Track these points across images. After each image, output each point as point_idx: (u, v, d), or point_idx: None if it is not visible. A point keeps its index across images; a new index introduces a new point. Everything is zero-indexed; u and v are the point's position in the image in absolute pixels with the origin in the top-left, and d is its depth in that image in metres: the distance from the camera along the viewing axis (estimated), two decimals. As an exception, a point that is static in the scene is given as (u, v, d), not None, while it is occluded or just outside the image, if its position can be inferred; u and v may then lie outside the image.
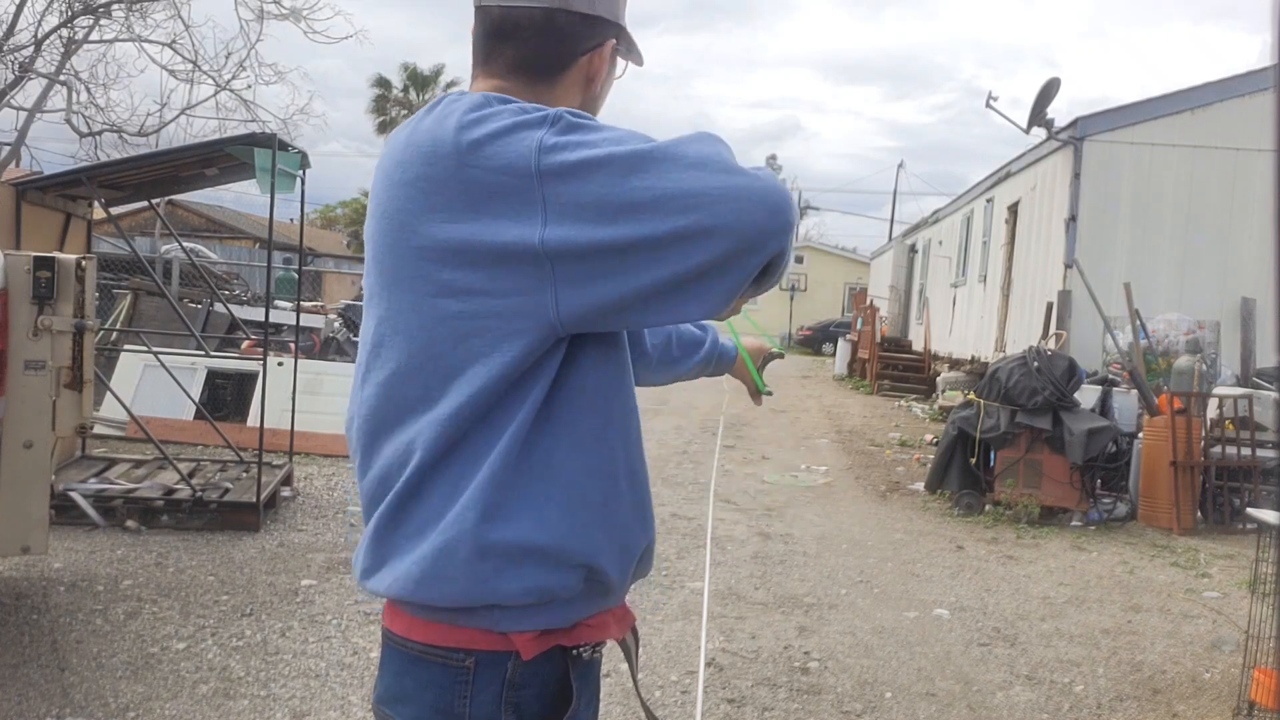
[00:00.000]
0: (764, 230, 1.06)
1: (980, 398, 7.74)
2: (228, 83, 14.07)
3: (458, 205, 1.10)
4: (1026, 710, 3.81)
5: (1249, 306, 10.13)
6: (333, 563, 5.16)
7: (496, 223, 1.09)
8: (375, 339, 1.20)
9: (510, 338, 1.11)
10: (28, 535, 3.91)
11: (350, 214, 48.75)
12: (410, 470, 1.16)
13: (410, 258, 1.14)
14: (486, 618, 1.16)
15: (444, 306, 1.12)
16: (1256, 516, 3.94)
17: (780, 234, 1.08)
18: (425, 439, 1.15)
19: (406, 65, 37.60)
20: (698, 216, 1.05)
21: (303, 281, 9.95)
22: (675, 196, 1.05)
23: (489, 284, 1.10)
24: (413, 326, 1.15)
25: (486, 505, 1.13)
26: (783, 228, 1.08)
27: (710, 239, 1.05)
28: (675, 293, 1.09)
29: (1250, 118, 10.15)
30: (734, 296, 1.12)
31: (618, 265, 1.07)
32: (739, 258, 1.07)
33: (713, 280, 1.08)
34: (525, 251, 1.08)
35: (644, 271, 1.07)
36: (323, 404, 8.18)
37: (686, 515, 6.77)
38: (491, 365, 1.12)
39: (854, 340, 21.87)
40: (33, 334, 3.87)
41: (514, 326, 1.11)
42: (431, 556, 1.14)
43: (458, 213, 1.10)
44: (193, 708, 3.38)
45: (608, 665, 3.33)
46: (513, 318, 1.11)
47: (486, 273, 1.10)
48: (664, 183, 1.05)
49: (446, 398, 1.14)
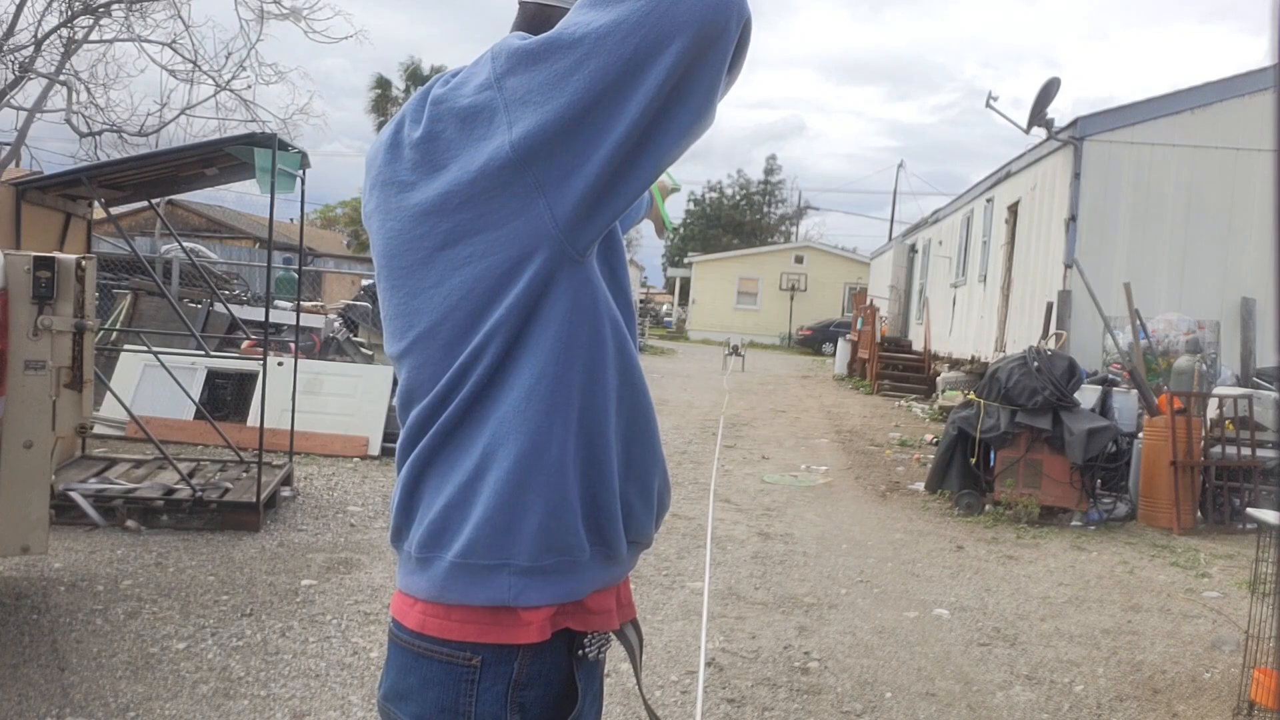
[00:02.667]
0: (718, 4, 1.01)
1: (980, 398, 7.75)
2: (228, 83, 14.09)
3: (433, 158, 1.13)
4: (1026, 710, 3.81)
5: (1249, 306, 10.13)
6: (333, 563, 5.16)
7: (468, 153, 1.09)
8: (403, 323, 1.20)
9: (518, 267, 1.10)
10: (28, 535, 3.91)
11: (350, 214, 48.78)
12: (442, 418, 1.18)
13: (411, 233, 1.16)
14: (504, 586, 1.15)
15: (452, 255, 1.13)
16: (1256, 516, 3.94)
17: (736, 1, 1.03)
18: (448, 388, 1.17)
19: (406, 65, 37.62)
20: (641, 35, 1.01)
21: (303, 281, 9.95)
22: (609, 32, 1.02)
23: (484, 217, 1.10)
24: (429, 288, 1.16)
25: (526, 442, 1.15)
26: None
27: (663, 49, 1.01)
28: (658, 124, 1.05)
29: (1250, 118, 10.16)
30: (716, 91, 1.07)
31: (589, 130, 1.04)
32: (704, 52, 1.02)
33: (688, 89, 1.04)
34: (503, 166, 1.07)
35: (615, 120, 1.04)
36: (323, 404, 8.19)
37: (686, 515, 6.77)
38: (504, 304, 1.12)
39: (854, 340, 21.88)
40: (33, 334, 3.87)
41: (519, 252, 1.10)
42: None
43: (433, 168, 1.13)
44: (193, 708, 3.38)
45: (609, 665, 3.32)
46: (514, 243, 1.10)
47: (478, 208, 1.10)
48: (593, 30, 1.03)
49: (469, 346, 1.14)
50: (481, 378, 1.14)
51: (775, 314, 38.02)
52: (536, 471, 1.14)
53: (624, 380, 1.22)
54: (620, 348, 1.21)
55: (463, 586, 1.16)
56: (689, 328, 39.30)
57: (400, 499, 1.22)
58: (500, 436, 1.14)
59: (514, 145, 1.06)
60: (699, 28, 1.01)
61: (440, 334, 1.15)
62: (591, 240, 1.13)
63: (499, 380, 1.14)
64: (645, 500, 1.28)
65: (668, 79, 1.02)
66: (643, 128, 1.05)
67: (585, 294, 1.15)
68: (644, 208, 1.88)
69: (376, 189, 1.21)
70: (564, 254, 1.11)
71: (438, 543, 1.17)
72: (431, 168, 1.13)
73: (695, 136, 1.10)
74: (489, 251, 1.11)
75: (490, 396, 1.15)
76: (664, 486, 1.32)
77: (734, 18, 1.04)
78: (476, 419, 1.15)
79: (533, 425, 1.13)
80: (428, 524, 1.17)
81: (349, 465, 7.80)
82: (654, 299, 48.74)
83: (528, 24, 1.30)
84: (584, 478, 1.18)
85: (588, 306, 1.15)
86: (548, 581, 1.16)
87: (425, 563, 1.19)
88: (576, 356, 1.15)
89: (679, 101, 1.05)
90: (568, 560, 1.18)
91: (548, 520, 1.15)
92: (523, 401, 1.13)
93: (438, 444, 1.17)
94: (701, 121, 1.09)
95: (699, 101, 1.06)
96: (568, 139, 1.05)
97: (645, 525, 1.29)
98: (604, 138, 1.05)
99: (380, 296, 1.25)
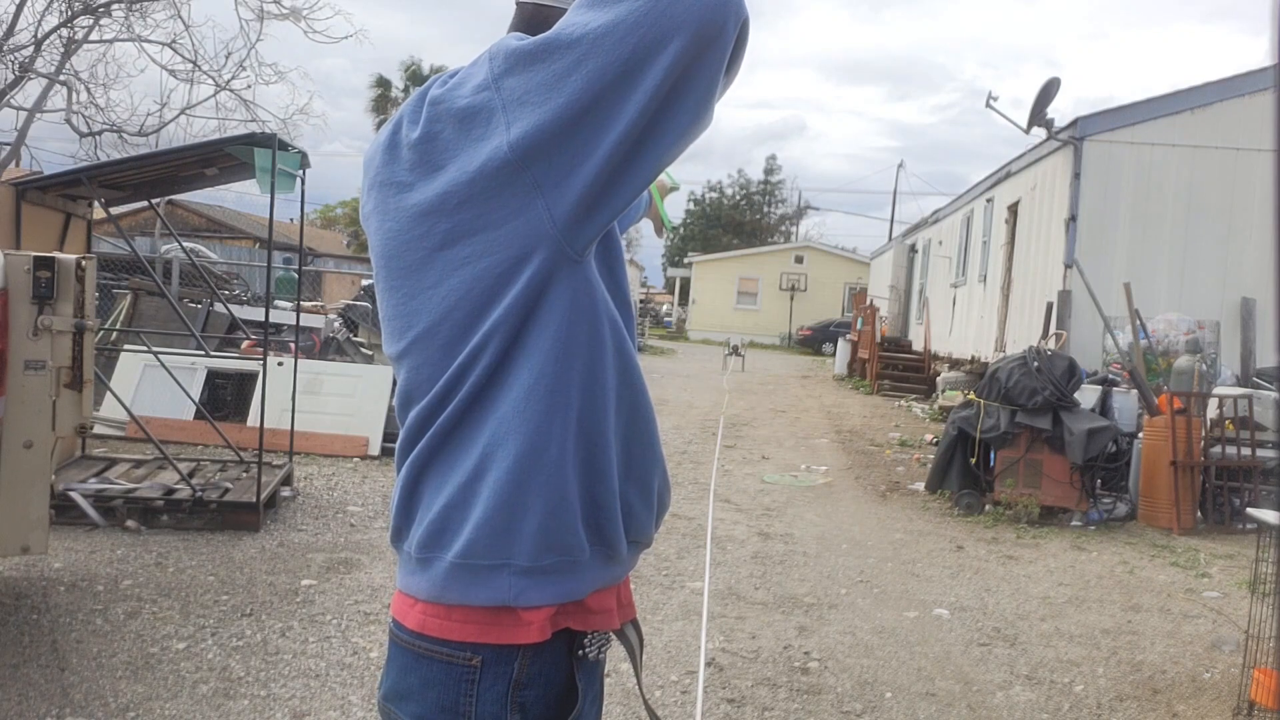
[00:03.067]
0: (715, 6, 1.01)
1: (980, 398, 7.75)
2: (228, 83, 14.08)
3: (431, 159, 1.12)
4: (1026, 710, 3.80)
5: (1249, 306, 10.13)
6: (333, 563, 5.16)
7: (466, 153, 1.09)
8: (401, 324, 1.20)
9: (517, 267, 1.10)
10: (28, 535, 3.91)
11: (350, 214, 48.75)
12: (440, 419, 1.18)
13: (410, 234, 1.16)
14: (504, 586, 1.15)
15: (451, 255, 1.12)
16: (1256, 516, 3.94)
17: (733, 2, 1.02)
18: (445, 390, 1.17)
19: (406, 65, 37.64)
20: (639, 35, 1.00)
21: (303, 281, 9.95)
22: (607, 33, 1.01)
23: (483, 218, 1.10)
24: (428, 288, 1.15)
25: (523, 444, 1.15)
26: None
27: (661, 50, 1.00)
28: (656, 124, 1.05)
29: (1250, 118, 10.16)
30: (714, 92, 1.07)
31: (587, 131, 1.04)
32: (702, 52, 1.02)
33: (686, 90, 1.04)
34: (501, 166, 1.07)
35: (613, 121, 1.03)
36: (323, 404, 8.19)
37: (686, 515, 6.77)
38: (503, 305, 1.11)
39: (854, 340, 21.89)
40: (33, 334, 3.87)
41: (518, 252, 1.10)
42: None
43: (432, 168, 1.12)
44: (193, 708, 3.38)
45: (609, 665, 3.32)
46: (513, 243, 1.10)
47: (476, 209, 1.10)
48: (591, 30, 1.02)
49: (468, 346, 1.14)
50: (480, 378, 1.14)
51: (775, 314, 38.01)
52: (536, 471, 1.13)
53: (623, 380, 1.21)
54: (619, 348, 1.21)
55: (463, 587, 1.16)
56: (689, 328, 39.30)
57: (400, 499, 1.21)
58: (499, 437, 1.14)
59: (512, 145, 1.06)
60: (697, 28, 1.01)
61: (439, 334, 1.15)
62: (590, 240, 1.13)
63: (498, 380, 1.14)
64: (645, 500, 1.28)
65: (665, 79, 1.02)
66: (641, 128, 1.04)
67: (584, 294, 1.15)
68: (642, 207, 1.89)
69: (375, 190, 1.21)
70: (562, 254, 1.11)
71: (437, 543, 1.17)
72: (429, 168, 1.13)
73: (694, 136, 1.09)
74: (487, 251, 1.11)
75: (489, 397, 1.15)
76: (664, 486, 1.32)
77: (732, 18, 1.03)
78: (475, 419, 1.15)
79: (532, 425, 1.13)
80: (427, 524, 1.17)
81: (349, 465, 7.80)
82: (654, 299, 48.73)
83: (525, 24, 1.30)
84: (583, 477, 1.18)
85: (586, 306, 1.15)
86: (548, 581, 1.16)
87: (425, 563, 1.19)
88: (576, 356, 1.15)
89: (677, 102, 1.05)
90: (568, 560, 1.18)
91: (547, 520, 1.15)
92: (522, 401, 1.13)
93: (437, 444, 1.17)
94: (700, 122, 1.08)
95: (697, 102, 1.06)
96: (566, 139, 1.05)
97: (645, 525, 1.29)
98: (602, 138, 1.04)
99: (379, 297, 1.25)
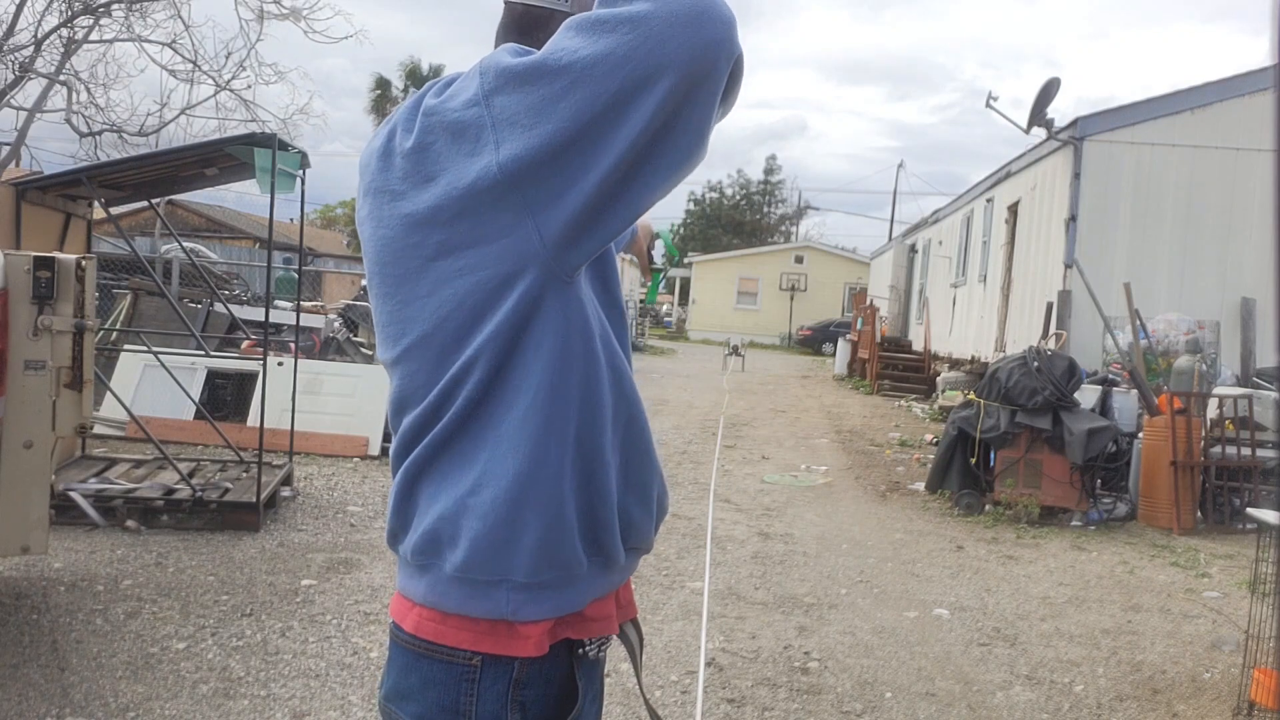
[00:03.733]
0: (706, 44, 1.00)
1: (980, 398, 7.75)
2: (228, 83, 14.09)
3: (424, 169, 1.12)
4: (1026, 710, 3.80)
5: (1249, 306, 10.13)
6: (333, 563, 5.16)
7: (457, 167, 1.09)
8: (395, 330, 1.20)
9: (509, 282, 1.10)
10: (27, 535, 3.91)
11: (350, 214, 48.73)
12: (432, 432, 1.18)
13: (403, 242, 1.15)
14: (502, 600, 1.15)
15: (444, 266, 1.12)
16: (1256, 516, 3.94)
17: (725, 40, 1.01)
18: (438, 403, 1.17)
19: (406, 65, 37.63)
20: (626, 71, 1.00)
21: (303, 281, 9.95)
22: (594, 64, 1.01)
23: (475, 232, 1.10)
24: (422, 297, 1.15)
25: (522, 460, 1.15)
26: (723, 33, 1.01)
27: (650, 87, 1.00)
28: (647, 157, 1.05)
29: (1250, 118, 10.16)
30: (707, 127, 1.07)
31: (577, 159, 1.04)
32: (693, 90, 1.01)
33: (678, 126, 1.03)
34: (491, 185, 1.07)
35: (602, 152, 1.03)
36: (323, 404, 8.19)
37: (686, 515, 6.77)
38: (495, 319, 1.11)
39: (854, 340, 21.88)
40: (33, 334, 3.87)
41: (509, 269, 1.10)
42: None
43: (424, 179, 1.12)
44: (193, 708, 3.38)
45: (609, 665, 3.31)
46: (504, 259, 1.10)
47: (469, 223, 1.10)
48: (581, 59, 1.02)
49: (460, 358, 1.14)
50: (474, 391, 1.14)
51: (775, 314, 38.00)
52: (534, 489, 1.14)
53: (618, 393, 1.22)
54: (612, 362, 1.21)
55: (460, 598, 1.17)
56: (689, 328, 39.29)
57: (395, 503, 1.22)
58: (498, 454, 1.14)
59: (501, 167, 1.06)
60: (687, 66, 1.00)
61: (433, 343, 1.15)
62: (581, 263, 1.13)
63: (495, 396, 1.14)
64: (645, 508, 1.28)
65: (655, 115, 1.02)
66: (631, 160, 1.04)
67: (576, 312, 1.15)
68: (631, 235, 1.85)
69: (369, 196, 1.21)
70: (553, 273, 1.11)
71: (434, 552, 1.17)
72: (422, 178, 1.12)
73: (688, 170, 1.09)
74: (480, 266, 1.11)
75: (487, 412, 1.15)
76: (662, 492, 1.32)
77: (724, 58, 1.03)
78: (473, 433, 1.15)
79: (531, 443, 1.13)
80: (423, 532, 1.18)
81: (349, 465, 7.80)
82: (654, 299, 48.60)
83: (515, 24, 1.30)
84: (581, 493, 1.19)
85: (580, 324, 1.15)
86: (545, 596, 1.17)
87: (423, 569, 1.19)
88: (572, 373, 1.15)
89: (669, 136, 1.04)
90: (565, 575, 1.18)
91: (546, 536, 1.15)
92: (520, 419, 1.13)
93: (432, 454, 1.17)
94: (694, 155, 1.08)
95: (690, 137, 1.06)
96: (555, 165, 1.05)
97: (645, 532, 1.30)
98: (590, 168, 1.04)
99: (373, 303, 1.25)
